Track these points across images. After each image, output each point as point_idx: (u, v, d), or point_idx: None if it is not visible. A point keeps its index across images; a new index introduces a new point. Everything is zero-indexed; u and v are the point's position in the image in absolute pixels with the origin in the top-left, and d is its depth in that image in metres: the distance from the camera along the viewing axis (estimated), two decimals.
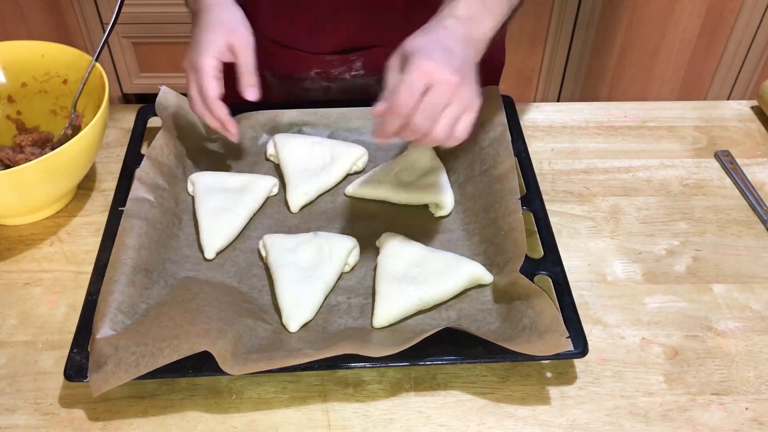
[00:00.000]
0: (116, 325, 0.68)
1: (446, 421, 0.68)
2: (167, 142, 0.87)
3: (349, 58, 0.98)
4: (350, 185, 0.88)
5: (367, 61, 0.99)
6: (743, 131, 1.00)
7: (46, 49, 0.91)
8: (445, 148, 0.74)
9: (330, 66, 0.99)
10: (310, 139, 0.91)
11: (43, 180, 0.79)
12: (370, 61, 0.98)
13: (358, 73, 1.00)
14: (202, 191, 0.85)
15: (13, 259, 0.82)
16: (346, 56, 0.98)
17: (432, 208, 0.85)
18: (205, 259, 0.80)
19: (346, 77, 1.00)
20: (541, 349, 0.65)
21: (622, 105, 1.04)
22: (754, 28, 1.97)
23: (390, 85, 0.67)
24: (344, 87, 1.01)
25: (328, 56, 0.98)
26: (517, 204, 0.78)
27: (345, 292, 0.77)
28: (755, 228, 0.86)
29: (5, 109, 0.93)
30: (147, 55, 2.09)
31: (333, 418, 0.68)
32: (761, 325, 0.76)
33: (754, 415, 0.68)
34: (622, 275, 0.81)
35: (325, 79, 1.00)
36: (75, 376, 0.67)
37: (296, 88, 1.02)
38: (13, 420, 0.68)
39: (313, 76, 1.00)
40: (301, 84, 1.02)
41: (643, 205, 0.89)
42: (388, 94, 0.67)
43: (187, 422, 0.67)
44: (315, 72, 1.00)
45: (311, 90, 1.02)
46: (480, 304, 0.75)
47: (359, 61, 0.99)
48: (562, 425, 0.67)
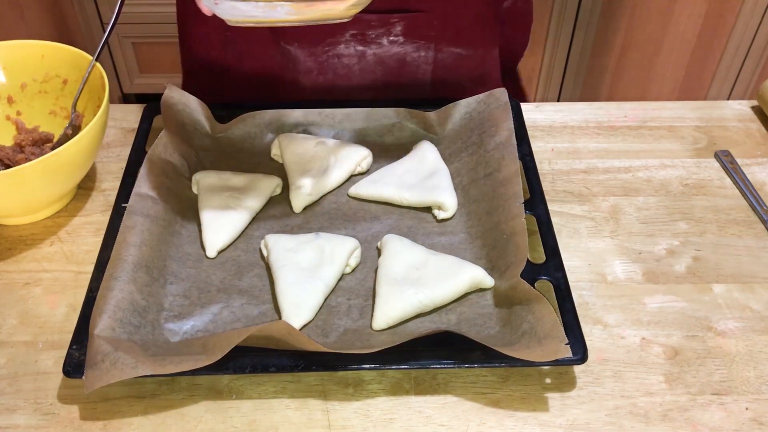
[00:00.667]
0: (115, 322, 0.68)
1: (446, 421, 0.68)
2: (171, 140, 0.87)
3: (390, 19, 0.95)
4: (354, 186, 0.88)
5: (407, 27, 0.96)
6: (743, 131, 1.00)
7: (46, 49, 0.91)
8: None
9: (368, 27, 0.95)
10: (314, 140, 0.91)
11: (43, 180, 0.79)
12: (411, 27, 0.96)
13: (396, 39, 0.97)
14: (205, 190, 0.85)
15: (13, 259, 0.82)
16: (387, 17, 0.95)
17: (435, 210, 0.85)
18: (207, 257, 0.80)
19: (383, 42, 0.97)
20: (541, 355, 0.65)
21: (622, 105, 1.05)
22: (754, 28, 1.97)
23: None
24: (380, 54, 0.98)
25: (367, 15, 0.93)
26: (520, 208, 0.78)
27: (345, 294, 0.77)
28: (755, 228, 0.86)
29: (5, 109, 0.93)
30: (147, 55, 2.09)
31: (333, 418, 0.68)
32: (761, 325, 0.76)
33: (754, 415, 0.68)
34: (622, 275, 0.81)
35: (360, 42, 0.97)
36: (73, 372, 0.67)
37: (327, 56, 0.99)
38: (13, 420, 0.68)
39: (348, 38, 0.97)
40: (333, 50, 0.98)
41: (643, 205, 0.89)
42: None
43: (187, 422, 0.68)
44: (350, 34, 0.96)
45: (344, 56, 0.99)
46: (480, 308, 0.74)
47: (400, 25, 0.96)
48: (562, 425, 0.67)
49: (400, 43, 0.98)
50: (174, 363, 0.65)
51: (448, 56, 1.00)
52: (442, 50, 1.00)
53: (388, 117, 0.94)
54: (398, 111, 0.93)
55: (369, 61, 1.00)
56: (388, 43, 0.98)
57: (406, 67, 1.00)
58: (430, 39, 0.98)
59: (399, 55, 0.99)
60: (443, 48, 0.99)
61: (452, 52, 1.00)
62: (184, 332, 0.72)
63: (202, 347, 0.67)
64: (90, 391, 0.64)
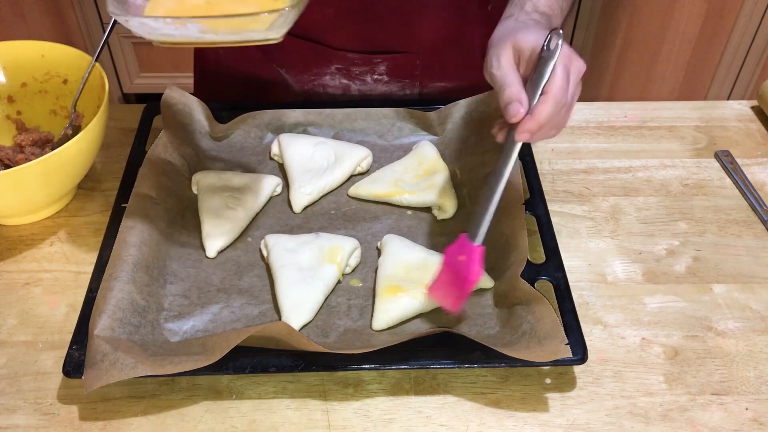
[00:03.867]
0: (114, 322, 0.68)
1: (446, 421, 0.68)
2: (171, 140, 0.87)
3: (373, 59, 0.96)
4: (354, 186, 0.88)
5: (391, 67, 0.97)
6: (743, 131, 1.00)
7: (46, 49, 0.91)
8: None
9: (351, 63, 0.96)
10: (314, 140, 0.91)
11: (43, 180, 0.79)
12: (394, 66, 0.96)
13: (381, 78, 0.97)
14: (205, 190, 0.85)
15: (13, 259, 0.82)
16: (370, 57, 0.96)
17: (435, 210, 0.85)
18: (207, 257, 0.80)
19: (367, 80, 0.98)
20: (540, 355, 0.65)
21: (622, 105, 1.05)
22: (754, 28, 1.97)
23: (540, 79, 0.65)
24: (365, 90, 0.99)
25: (350, 54, 0.95)
26: (521, 209, 0.78)
27: (345, 294, 0.77)
28: (755, 228, 0.86)
29: (5, 109, 0.93)
30: (147, 55, 2.09)
31: (333, 418, 0.68)
32: (761, 325, 0.76)
33: (754, 415, 0.68)
34: (622, 275, 0.81)
35: (345, 76, 0.98)
36: (73, 372, 0.67)
37: (314, 85, 1.00)
38: (13, 420, 0.68)
39: (333, 71, 0.97)
40: (319, 80, 0.99)
41: (643, 205, 0.89)
42: (546, 87, 0.64)
43: (187, 422, 0.67)
44: (335, 67, 0.97)
45: (329, 87, 0.99)
46: (480, 308, 0.74)
47: (383, 65, 0.96)
48: (562, 425, 0.67)
49: (385, 82, 0.99)
50: (174, 363, 0.65)
51: (434, 91, 1.01)
52: (427, 86, 1.00)
53: (388, 117, 0.94)
54: (398, 111, 0.93)
55: (354, 95, 1.01)
56: (372, 81, 0.98)
57: (391, 103, 1.01)
58: (415, 77, 0.98)
59: (384, 94, 1.00)
60: (428, 84, 1.00)
61: (438, 87, 1.01)
62: (184, 332, 0.72)
63: (201, 347, 0.67)
64: (89, 390, 0.64)
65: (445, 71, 0.99)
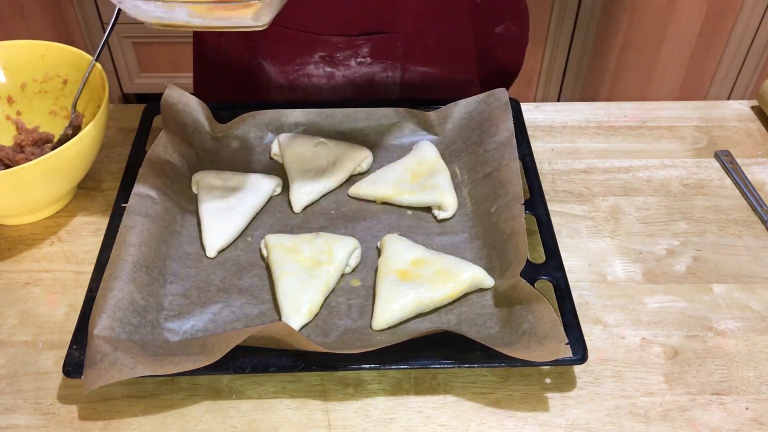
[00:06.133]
0: (114, 322, 0.68)
1: (446, 421, 0.68)
2: (171, 140, 0.87)
3: (356, 42, 0.96)
4: (354, 186, 0.88)
5: (374, 48, 0.97)
6: (743, 131, 1.00)
7: (46, 49, 0.91)
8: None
9: (335, 49, 0.97)
10: (314, 140, 0.91)
11: (43, 180, 0.79)
12: (377, 47, 0.97)
13: (364, 60, 0.98)
14: (205, 189, 0.85)
15: (13, 259, 0.82)
16: (354, 39, 0.96)
17: (435, 210, 0.85)
18: (207, 257, 0.80)
19: (351, 64, 0.98)
20: (540, 355, 0.65)
21: (622, 105, 1.05)
22: (754, 28, 1.97)
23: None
24: (348, 75, 0.99)
25: (334, 38, 0.96)
26: (521, 208, 0.78)
27: (345, 294, 0.77)
28: (755, 228, 0.86)
29: (5, 109, 0.93)
30: (147, 55, 2.09)
31: (333, 418, 0.68)
32: (761, 325, 0.76)
33: (754, 415, 0.68)
34: (622, 275, 0.81)
35: (329, 63, 0.98)
36: (73, 372, 0.67)
37: (298, 75, 1.00)
38: (13, 420, 0.68)
39: (317, 59, 0.98)
40: (303, 69, 0.99)
41: (643, 205, 0.89)
42: None
43: (187, 422, 0.68)
44: (319, 56, 0.97)
45: (314, 77, 1.00)
46: (480, 308, 0.74)
47: (366, 46, 0.97)
48: (562, 425, 0.67)
49: (368, 64, 0.99)
50: (173, 363, 0.65)
51: (415, 75, 1.01)
52: (409, 69, 1.01)
53: (388, 117, 0.94)
54: (398, 111, 0.93)
55: (338, 81, 1.01)
56: (356, 65, 0.99)
57: (374, 87, 1.02)
58: (397, 59, 0.99)
59: (367, 76, 1.00)
60: (410, 68, 1.00)
61: (419, 71, 1.01)
62: (184, 332, 0.72)
63: (201, 347, 0.67)
64: (89, 390, 0.64)
65: (427, 54, 1.00)
